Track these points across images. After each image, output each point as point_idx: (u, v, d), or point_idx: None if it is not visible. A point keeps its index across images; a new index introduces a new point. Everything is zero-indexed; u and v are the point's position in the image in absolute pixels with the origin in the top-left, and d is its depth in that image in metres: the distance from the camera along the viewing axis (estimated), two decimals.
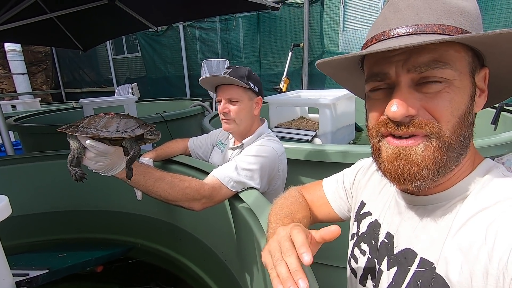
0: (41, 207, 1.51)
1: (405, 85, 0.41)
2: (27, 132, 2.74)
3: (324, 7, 4.75)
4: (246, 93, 1.10)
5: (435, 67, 0.39)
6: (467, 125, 0.42)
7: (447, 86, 0.40)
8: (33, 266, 1.04)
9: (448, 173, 0.43)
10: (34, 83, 8.30)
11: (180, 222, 1.38)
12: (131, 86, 5.12)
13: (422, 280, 0.43)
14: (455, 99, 0.40)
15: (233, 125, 1.12)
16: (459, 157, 0.42)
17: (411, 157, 0.41)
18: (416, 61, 0.40)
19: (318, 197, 0.75)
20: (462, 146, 0.42)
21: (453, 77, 0.40)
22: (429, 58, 0.39)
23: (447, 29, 0.39)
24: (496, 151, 1.28)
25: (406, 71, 0.41)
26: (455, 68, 0.40)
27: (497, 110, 2.05)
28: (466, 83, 0.41)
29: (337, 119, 2.10)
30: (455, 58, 0.40)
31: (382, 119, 0.44)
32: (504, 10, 3.44)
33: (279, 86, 4.29)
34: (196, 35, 6.13)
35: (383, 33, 0.43)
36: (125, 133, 0.69)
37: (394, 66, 0.41)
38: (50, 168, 1.49)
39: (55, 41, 2.98)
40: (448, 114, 0.40)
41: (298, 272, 0.39)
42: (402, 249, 0.48)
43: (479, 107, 0.44)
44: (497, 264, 0.35)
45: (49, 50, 8.32)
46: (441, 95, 0.40)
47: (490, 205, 0.39)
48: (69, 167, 0.73)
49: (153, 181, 0.83)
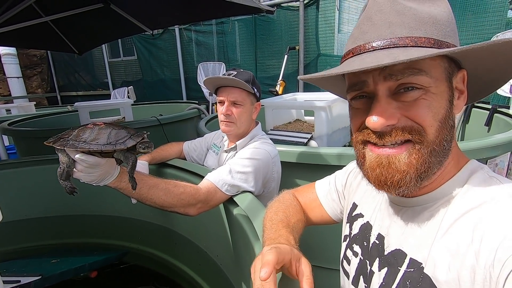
0: (34, 212, 1.49)
1: (383, 95, 0.42)
2: (21, 136, 2.72)
3: (319, 11, 4.78)
4: (249, 97, 1.12)
5: (410, 74, 0.40)
6: (448, 129, 0.43)
7: (423, 93, 0.41)
8: (25, 273, 1.02)
9: (432, 176, 0.44)
10: (29, 87, 8.23)
11: (175, 226, 1.37)
12: (127, 89, 5.10)
13: (411, 280, 0.43)
14: (433, 105, 0.41)
15: (233, 127, 1.12)
16: (442, 160, 0.43)
17: (394, 165, 0.42)
18: (391, 69, 0.41)
19: (311, 200, 0.75)
20: (445, 150, 0.43)
21: (428, 84, 0.41)
22: (404, 66, 0.40)
23: (419, 41, 0.40)
24: (490, 152, 1.29)
25: (383, 79, 0.42)
26: (430, 75, 0.41)
27: (490, 111, 2.07)
28: (443, 89, 0.42)
29: (332, 122, 2.11)
30: (430, 65, 0.41)
31: (364, 128, 0.45)
32: (495, 13, 3.48)
33: (275, 89, 4.30)
34: (192, 38, 6.14)
35: (359, 47, 0.44)
36: (116, 145, 0.67)
37: (371, 74, 0.43)
38: (44, 173, 1.48)
39: (50, 45, 2.97)
40: (430, 119, 0.41)
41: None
42: (392, 250, 0.48)
43: (458, 109, 0.45)
44: (483, 263, 0.35)
45: (45, 53, 8.27)
46: (419, 102, 0.41)
47: (476, 205, 0.40)
48: (60, 181, 0.71)
49: (147, 189, 0.82)
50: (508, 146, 1.33)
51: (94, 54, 7.71)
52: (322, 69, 5.05)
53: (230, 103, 1.10)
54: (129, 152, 0.71)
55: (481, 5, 3.54)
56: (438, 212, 0.44)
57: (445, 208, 0.43)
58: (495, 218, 0.37)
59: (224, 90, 1.11)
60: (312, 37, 4.95)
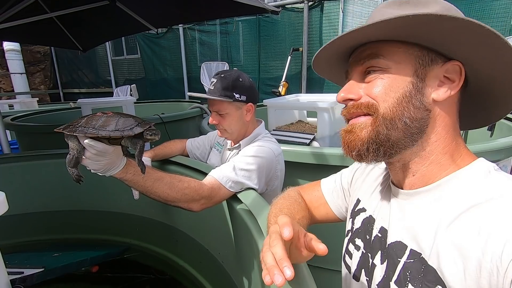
0: (37, 207, 1.50)
1: (353, 77, 0.52)
2: (24, 131, 2.72)
3: (324, 13, 4.79)
4: (231, 105, 1.08)
5: (371, 58, 0.48)
6: (411, 107, 0.47)
7: (381, 73, 0.48)
8: (28, 265, 1.02)
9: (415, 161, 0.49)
10: (32, 83, 8.26)
11: (177, 223, 1.37)
12: (130, 88, 5.11)
13: (411, 271, 0.44)
14: (389, 83, 0.47)
15: (226, 134, 1.13)
16: (410, 138, 0.47)
17: (354, 129, 0.50)
18: (360, 55, 0.50)
19: (316, 198, 0.75)
20: (408, 127, 0.47)
21: (387, 66, 0.47)
22: (367, 53, 0.49)
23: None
24: (493, 156, 1.29)
25: (355, 63, 0.51)
26: (389, 59, 0.47)
27: None
28: (406, 72, 0.47)
29: (335, 123, 2.11)
30: (391, 51, 0.47)
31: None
32: (499, 19, 3.49)
33: (278, 90, 4.30)
34: (196, 37, 6.15)
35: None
36: (124, 131, 0.68)
37: (350, 63, 0.53)
38: (46, 168, 1.48)
39: (55, 41, 2.97)
40: (383, 95, 0.47)
41: (283, 260, 0.40)
42: (392, 242, 0.49)
43: (439, 95, 0.47)
44: (490, 257, 0.36)
45: (48, 50, 8.30)
46: (376, 81, 0.48)
47: (484, 201, 0.41)
48: (68, 168, 0.72)
49: (152, 182, 0.83)
50: (511, 150, 1.33)
51: (97, 51, 7.74)
52: None
53: (215, 113, 1.10)
54: (136, 139, 0.72)
55: (485, 11, 3.55)
56: (441, 205, 0.45)
57: (448, 201, 0.44)
58: (502, 214, 0.38)
59: (209, 101, 1.10)
60: (315, 39, 4.96)
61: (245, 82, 1.09)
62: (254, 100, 1.13)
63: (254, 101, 1.14)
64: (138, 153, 0.72)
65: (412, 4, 0.47)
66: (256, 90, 1.15)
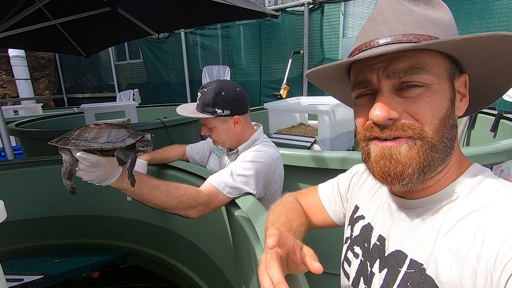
0: (39, 212, 1.51)
1: (387, 90, 0.44)
2: (28, 137, 2.75)
3: (324, 15, 4.79)
4: (216, 119, 1.07)
5: (413, 73, 0.42)
6: (449, 127, 0.44)
7: (426, 90, 0.42)
8: (28, 271, 1.03)
9: (436, 175, 0.45)
10: (37, 88, 8.35)
11: (177, 227, 1.37)
12: (133, 92, 5.15)
13: (411, 281, 0.44)
14: (435, 102, 0.42)
15: (218, 143, 1.16)
16: (444, 158, 0.44)
17: (396, 156, 0.43)
18: (395, 67, 0.42)
19: (314, 203, 0.74)
20: (446, 148, 0.44)
21: (431, 82, 0.42)
22: (406, 65, 0.42)
23: (422, 38, 0.42)
24: (495, 158, 1.28)
25: (386, 76, 0.43)
26: (432, 73, 0.42)
27: (496, 117, 2.05)
28: (445, 87, 0.43)
29: (336, 126, 2.10)
30: (431, 64, 0.42)
31: (367, 124, 0.46)
32: (501, 18, 3.46)
33: (279, 93, 4.30)
34: (197, 41, 6.19)
35: (364, 44, 0.46)
36: (116, 143, 0.69)
37: (375, 72, 0.44)
38: (48, 173, 1.50)
39: (58, 47, 3.01)
40: (430, 116, 0.42)
41: (280, 284, 0.39)
42: (392, 251, 0.49)
43: (461, 111, 0.46)
44: (485, 265, 0.36)
45: (52, 56, 8.40)
46: (421, 98, 0.42)
47: (479, 208, 0.40)
48: (62, 180, 0.73)
49: (148, 190, 0.83)
50: None
51: (100, 56, 7.81)
52: None
53: (204, 126, 1.12)
54: (129, 150, 0.72)
55: (487, 11, 3.52)
56: (440, 214, 0.44)
57: (447, 210, 0.44)
58: (497, 221, 0.37)
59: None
60: (316, 42, 4.96)
61: (228, 95, 1.06)
62: (241, 111, 1.10)
63: (241, 112, 1.10)
64: (129, 166, 0.73)
65: (422, 2, 0.45)
66: (243, 100, 1.11)
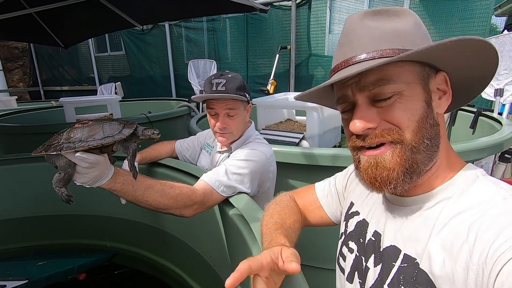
0: (18, 212, 1.44)
1: (363, 103, 0.48)
2: (3, 133, 2.60)
3: (311, 11, 4.81)
4: (242, 104, 1.09)
5: (380, 84, 0.45)
6: (428, 127, 0.46)
7: (398, 98, 0.45)
8: (10, 276, 0.98)
9: (425, 173, 0.47)
10: (10, 80, 7.92)
11: (167, 226, 1.35)
12: (115, 85, 4.99)
13: (404, 275, 0.46)
14: (408, 107, 0.45)
15: (230, 137, 1.10)
16: (430, 156, 0.47)
17: (381, 163, 0.47)
18: (364, 81, 0.46)
19: (311, 202, 0.75)
20: (429, 147, 0.46)
21: (400, 89, 0.45)
22: (374, 78, 0.45)
23: (385, 52, 0.45)
24: (476, 155, 1.34)
25: (359, 90, 0.47)
26: (400, 81, 0.45)
27: (475, 115, 2.14)
28: (417, 91, 0.46)
29: (324, 122, 2.12)
30: (398, 73, 0.45)
31: (352, 135, 0.50)
32: (480, 19, 3.60)
33: (267, 88, 4.30)
34: (182, 34, 6.05)
35: (336, 66, 0.50)
36: (115, 136, 0.66)
37: (350, 88, 0.48)
38: (27, 171, 1.42)
39: (34, 37, 2.85)
40: (406, 120, 0.45)
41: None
42: (387, 246, 0.50)
43: (442, 108, 0.49)
44: (477, 259, 0.38)
45: (27, 46, 7.96)
46: (394, 105, 0.46)
47: (472, 206, 0.42)
48: (56, 188, 0.68)
49: (142, 191, 0.80)
50: (493, 148, 1.38)
51: (79, 48, 7.48)
52: (313, 69, 5.09)
53: (225, 115, 1.06)
54: (127, 142, 0.70)
55: (467, 11, 3.65)
56: (434, 211, 0.46)
57: (441, 208, 0.46)
58: (489, 219, 0.39)
59: (216, 103, 1.05)
60: (303, 37, 4.97)
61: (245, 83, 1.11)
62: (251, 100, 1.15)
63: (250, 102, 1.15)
64: (131, 157, 0.70)
65: (385, 14, 0.48)
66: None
